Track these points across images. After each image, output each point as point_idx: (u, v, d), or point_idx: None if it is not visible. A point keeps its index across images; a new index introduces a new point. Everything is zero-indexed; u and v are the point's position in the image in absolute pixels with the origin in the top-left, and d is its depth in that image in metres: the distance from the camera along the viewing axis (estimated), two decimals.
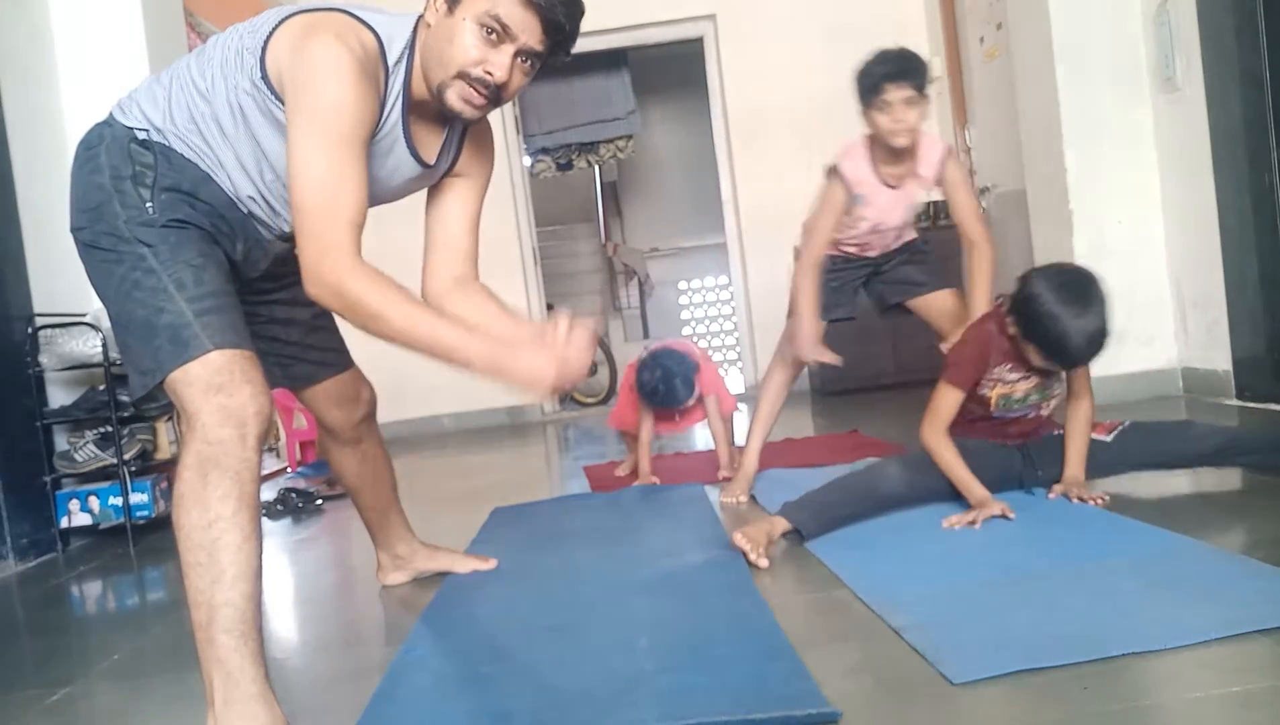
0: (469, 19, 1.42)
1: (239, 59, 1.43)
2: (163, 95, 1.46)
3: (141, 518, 3.13)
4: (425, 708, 1.41)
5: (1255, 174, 3.14)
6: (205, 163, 1.45)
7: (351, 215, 1.36)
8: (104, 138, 1.45)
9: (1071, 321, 1.93)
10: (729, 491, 2.70)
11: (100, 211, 1.40)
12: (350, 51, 1.36)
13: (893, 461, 2.23)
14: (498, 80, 1.44)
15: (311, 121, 1.34)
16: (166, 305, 1.33)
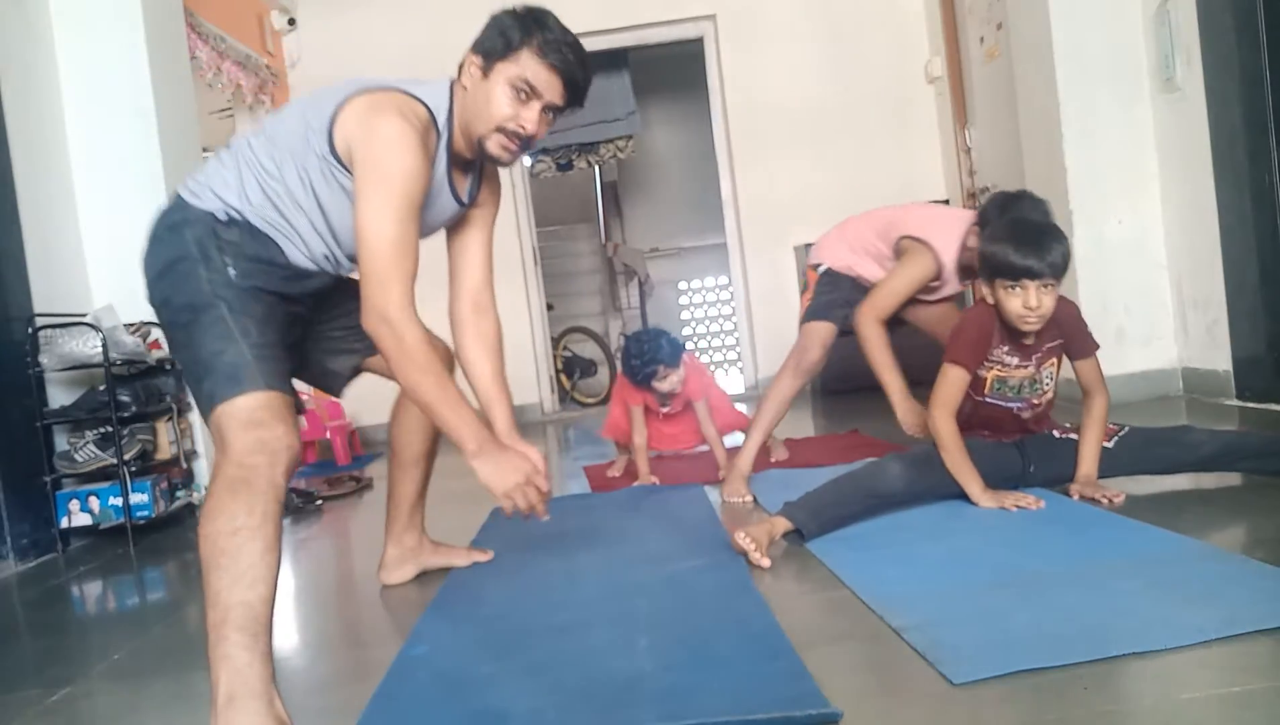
0: (502, 82, 1.68)
1: (305, 139, 1.63)
2: (234, 179, 1.64)
3: (141, 518, 3.13)
4: (425, 707, 1.41)
5: (1255, 174, 3.14)
6: (282, 232, 1.65)
7: (412, 270, 1.60)
8: (186, 220, 1.61)
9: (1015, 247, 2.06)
10: (731, 490, 2.70)
11: (185, 278, 1.56)
12: (412, 126, 1.60)
13: (893, 460, 2.23)
14: (529, 132, 1.70)
15: (383, 188, 1.56)
16: (229, 348, 1.50)
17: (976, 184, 5.14)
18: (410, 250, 1.59)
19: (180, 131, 3.73)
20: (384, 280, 1.56)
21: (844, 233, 2.84)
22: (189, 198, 1.64)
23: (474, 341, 1.91)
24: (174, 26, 3.86)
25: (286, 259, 1.66)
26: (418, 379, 1.59)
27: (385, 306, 1.56)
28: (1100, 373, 2.24)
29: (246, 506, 1.38)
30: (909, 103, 5.58)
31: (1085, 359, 2.23)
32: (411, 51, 5.62)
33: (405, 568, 2.18)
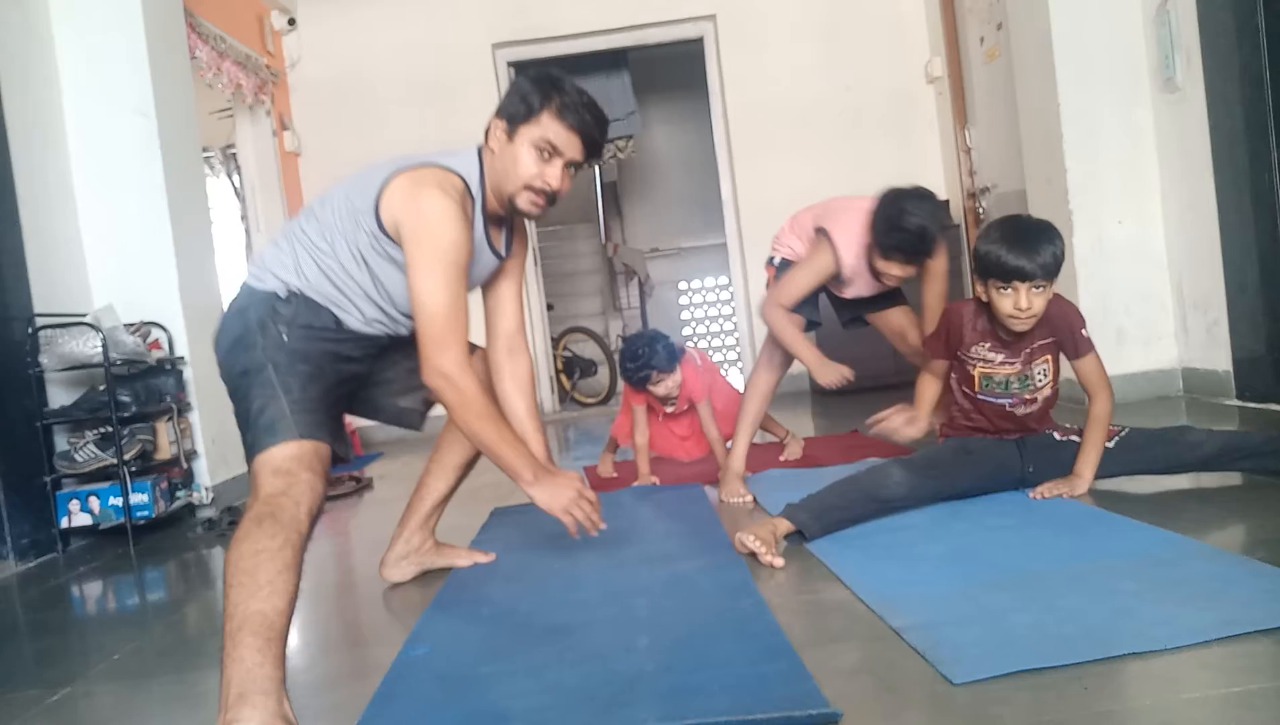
0: (526, 144, 1.82)
1: (354, 219, 1.79)
2: (290, 260, 1.80)
3: (141, 518, 3.14)
4: (426, 707, 1.41)
5: (1255, 174, 3.14)
6: (337, 303, 1.81)
7: (465, 330, 1.77)
8: (250, 303, 1.78)
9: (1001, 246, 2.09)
10: (729, 491, 2.71)
11: (245, 350, 1.73)
12: (452, 199, 1.75)
13: (895, 464, 2.23)
14: (554, 188, 1.85)
15: (433, 259, 1.72)
16: (270, 404, 1.65)
17: (976, 184, 5.14)
18: (462, 313, 1.76)
19: (180, 131, 3.73)
20: (441, 343, 1.72)
21: (794, 224, 2.87)
22: (253, 283, 1.81)
23: (509, 383, 2.06)
24: (174, 26, 3.86)
25: (342, 325, 1.83)
26: (478, 427, 1.77)
27: (443, 365, 1.72)
28: (1100, 372, 2.24)
29: (269, 533, 1.46)
30: (909, 103, 5.58)
31: (1080, 359, 2.23)
32: (411, 51, 5.64)
33: (406, 566, 2.20)
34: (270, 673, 1.33)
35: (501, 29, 5.66)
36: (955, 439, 2.34)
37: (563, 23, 5.65)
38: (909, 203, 2.43)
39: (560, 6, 5.63)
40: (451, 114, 5.58)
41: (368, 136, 5.65)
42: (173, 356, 3.50)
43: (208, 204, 4.13)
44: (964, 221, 5.29)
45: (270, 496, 1.54)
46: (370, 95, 5.65)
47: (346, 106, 5.65)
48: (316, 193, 1.80)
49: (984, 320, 2.24)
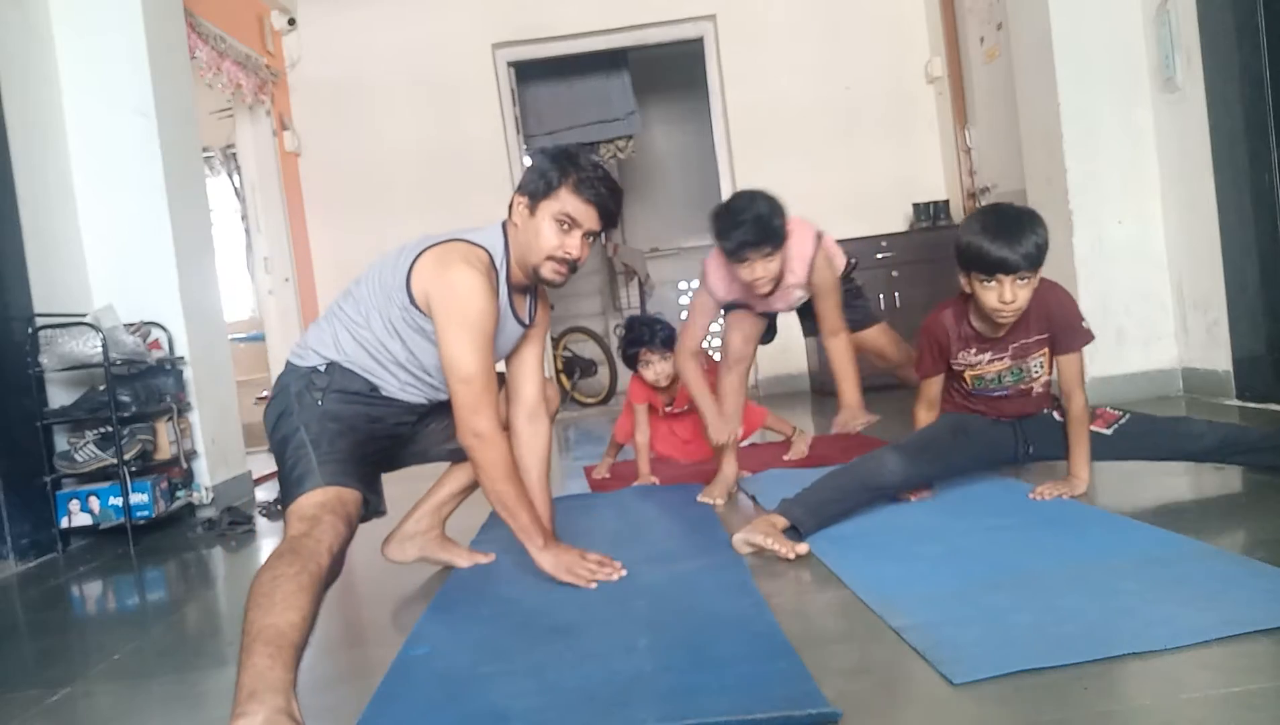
0: (547, 218, 1.94)
1: (386, 295, 1.93)
2: (330, 337, 1.96)
3: (141, 518, 3.13)
4: (425, 707, 1.41)
5: (1255, 174, 3.14)
6: (374, 374, 1.96)
7: (496, 393, 1.92)
8: (292, 378, 1.94)
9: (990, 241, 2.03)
10: (708, 492, 2.71)
11: (285, 418, 1.87)
12: (479, 273, 1.88)
13: (890, 452, 2.21)
14: (575, 257, 1.98)
15: (463, 328, 1.86)
16: (301, 461, 1.79)
17: (976, 184, 5.14)
18: (492, 377, 1.90)
19: (180, 131, 3.73)
20: (475, 407, 1.86)
21: None
22: (295, 361, 1.97)
23: (525, 449, 2.15)
24: (174, 26, 3.86)
25: (377, 390, 1.96)
26: (503, 488, 1.91)
27: (478, 427, 1.87)
28: (1080, 371, 2.21)
29: (288, 563, 1.53)
30: (909, 103, 5.58)
31: (1067, 354, 2.20)
32: (411, 51, 5.64)
33: (409, 547, 2.24)
34: (280, 674, 1.34)
35: (501, 29, 5.66)
36: (952, 415, 2.33)
37: (563, 23, 5.65)
38: (736, 201, 2.43)
39: (560, 6, 5.63)
40: (451, 114, 5.58)
41: (368, 136, 5.66)
42: (173, 356, 3.50)
43: (208, 204, 4.13)
44: None
45: (293, 538, 1.62)
46: (370, 95, 5.65)
47: (346, 106, 5.65)
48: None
49: (966, 324, 2.22)
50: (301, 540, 1.61)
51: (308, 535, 1.62)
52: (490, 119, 5.66)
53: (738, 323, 2.74)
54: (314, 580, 1.52)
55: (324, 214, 5.68)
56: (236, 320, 6.20)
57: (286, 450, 1.83)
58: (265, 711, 1.29)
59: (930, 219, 5.35)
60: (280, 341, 5.35)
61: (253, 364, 6.01)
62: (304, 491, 1.74)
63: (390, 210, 5.52)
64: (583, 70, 6.22)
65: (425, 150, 5.56)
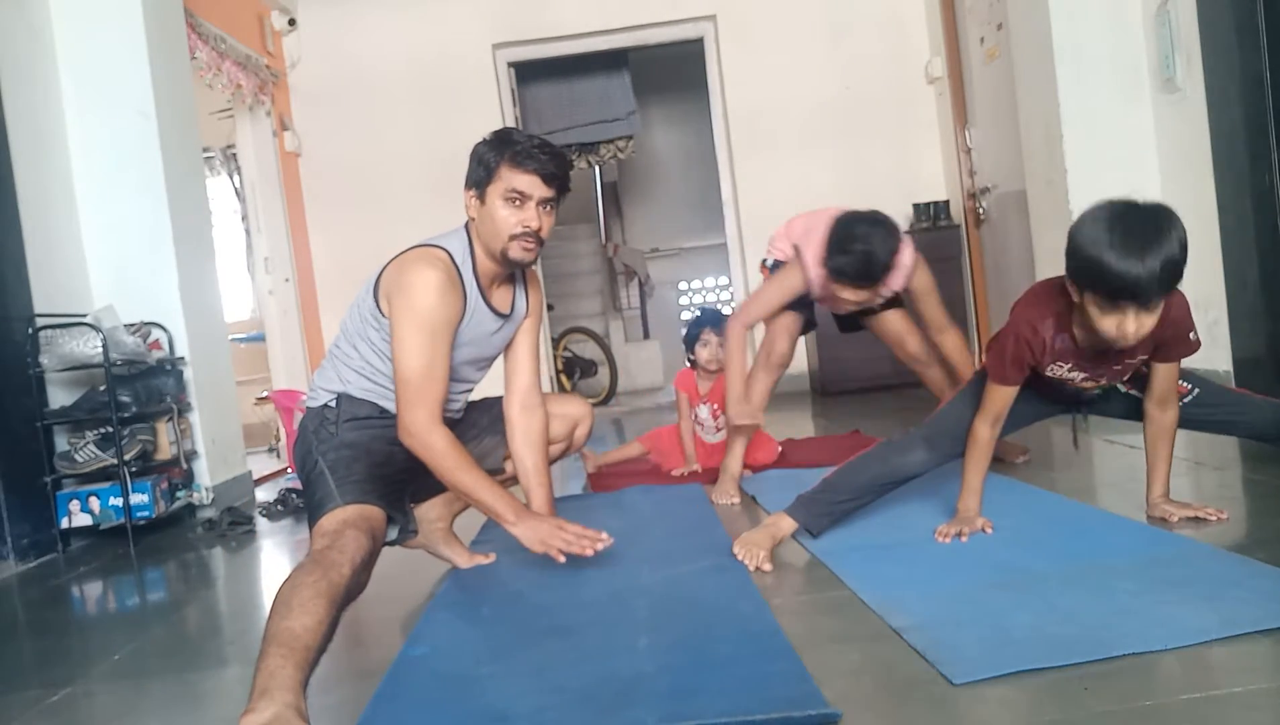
0: (497, 200, 1.95)
1: (362, 318, 2.00)
2: (333, 374, 2.04)
3: (142, 518, 3.13)
4: (425, 708, 1.42)
5: (1255, 174, 3.14)
6: (377, 396, 2.01)
7: (439, 394, 1.90)
8: (308, 420, 2.02)
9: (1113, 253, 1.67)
10: (719, 492, 2.71)
11: (306, 454, 1.95)
12: (435, 271, 1.90)
13: (918, 447, 2.07)
14: (534, 229, 1.96)
15: (411, 325, 1.87)
16: (320, 487, 1.84)
17: (976, 184, 5.14)
18: (436, 374, 1.89)
19: (180, 131, 3.73)
20: (411, 403, 1.87)
21: (789, 229, 2.86)
22: (310, 403, 2.05)
23: (520, 439, 2.16)
24: (174, 26, 3.86)
25: (386, 412, 1.99)
26: (456, 478, 1.90)
27: (412, 424, 1.87)
28: (1176, 381, 1.96)
29: (306, 571, 1.56)
30: (909, 103, 5.58)
31: (1170, 363, 1.92)
32: (411, 51, 5.64)
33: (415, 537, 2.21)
34: (291, 673, 1.36)
35: (502, 29, 5.66)
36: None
37: (563, 23, 5.65)
38: (859, 227, 2.43)
39: (560, 6, 5.63)
40: (452, 114, 5.58)
41: (368, 137, 5.66)
42: (173, 356, 3.50)
43: (208, 204, 4.13)
44: (964, 222, 5.29)
45: (316, 552, 1.64)
46: (370, 95, 5.65)
47: (346, 107, 5.65)
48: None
49: (1067, 337, 1.86)
50: (323, 553, 1.63)
51: (330, 548, 1.64)
52: (490, 119, 5.66)
53: (787, 325, 2.75)
54: (333, 588, 1.54)
55: (324, 214, 5.68)
56: (237, 320, 6.19)
57: (309, 484, 1.89)
58: (275, 707, 1.30)
59: (930, 219, 5.35)
60: (280, 341, 5.35)
61: (253, 364, 6.01)
62: (325, 512, 1.77)
63: (390, 210, 5.52)
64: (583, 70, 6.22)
65: (425, 150, 5.56)
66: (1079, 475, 2.61)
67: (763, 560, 1.94)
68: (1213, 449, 2.54)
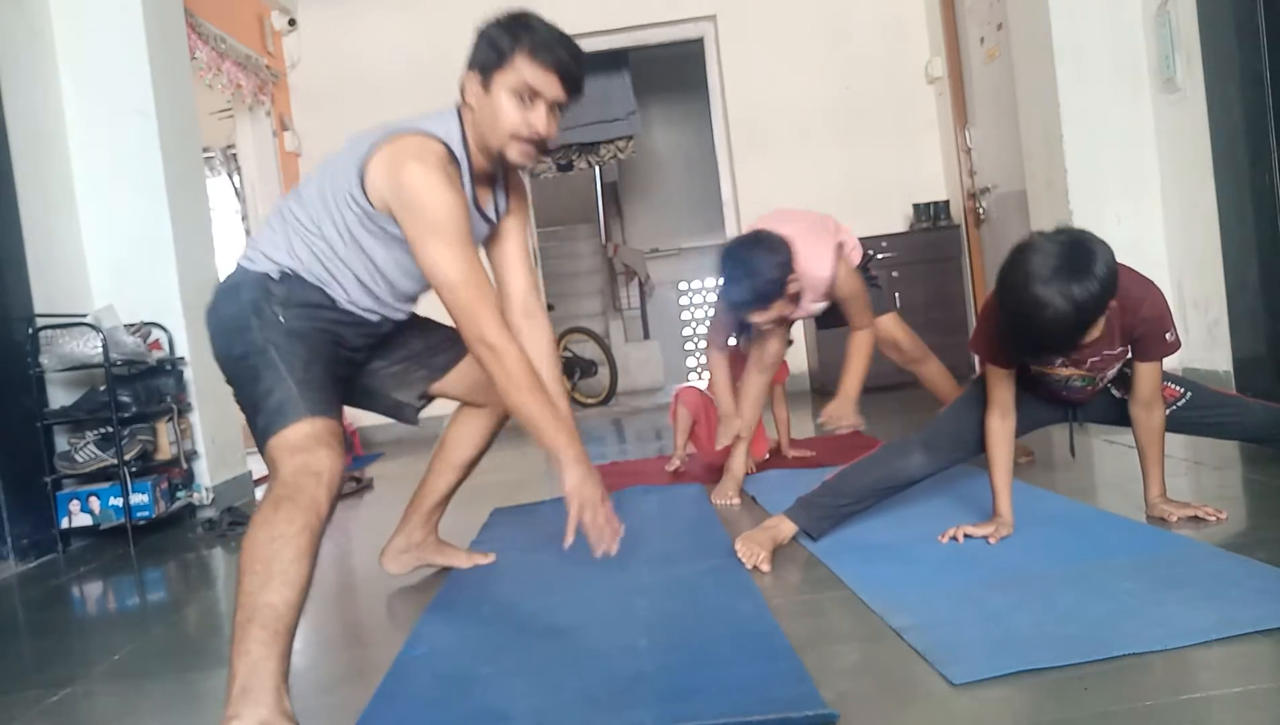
0: (504, 92, 1.72)
1: (339, 199, 1.73)
2: (283, 241, 1.75)
3: (142, 518, 3.13)
4: (425, 707, 1.42)
5: (1255, 174, 3.14)
6: (329, 287, 1.76)
7: (493, 295, 1.70)
8: (243, 282, 1.73)
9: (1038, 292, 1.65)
10: (720, 493, 2.70)
11: (241, 332, 1.67)
12: (434, 168, 1.67)
13: (916, 450, 2.06)
14: (542, 134, 1.74)
15: (436, 235, 1.65)
16: (277, 386, 1.60)
17: (976, 184, 5.14)
18: (484, 278, 1.69)
19: (180, 131, 3.73)
20: (473, 314, 1.66)
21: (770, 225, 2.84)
22: (245, 264, 1.76)
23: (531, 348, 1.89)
24: (174, 26, 3.86)
25: (336, 303, 1.77)
26: (522, 399, 1.67)
27: (484, 334, 1.65)
28: (1159, 380, 1.95)
29: (287, 518, 1.44)
30: (909, 103, 5.58)
31: (1150, 362, 1.91)
32: (411, 52, 5.64)
33: (407, 558, 2.21)
34: (274, 668, 1.34)
35: None
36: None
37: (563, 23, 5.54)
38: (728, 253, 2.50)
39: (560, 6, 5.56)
40: None
41: None
42: (173, 357, 3.50)
43: (208, 204, 4.13)
44: (964, 222, 5.29)
45: (290, 475, 1.50)
46: (370, 96, 5.64)
47: (346, 107, 5.64)
48: None
49: None
50: (300, 480, 1.49)
51: (305, 472, 1.50)
52: None
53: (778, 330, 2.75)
54: (313, 539, 1.45)
55: None
56: None
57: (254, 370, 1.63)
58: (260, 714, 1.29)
59: (930, 219, 5.35)
60: None
61: None
62: (289, 423, 1.57)
63: None
64: None
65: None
66: (1079, 475, 2.61)
67: (762, 560, 1.94)
68: (1212, 449, 2.54)
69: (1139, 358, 1.90)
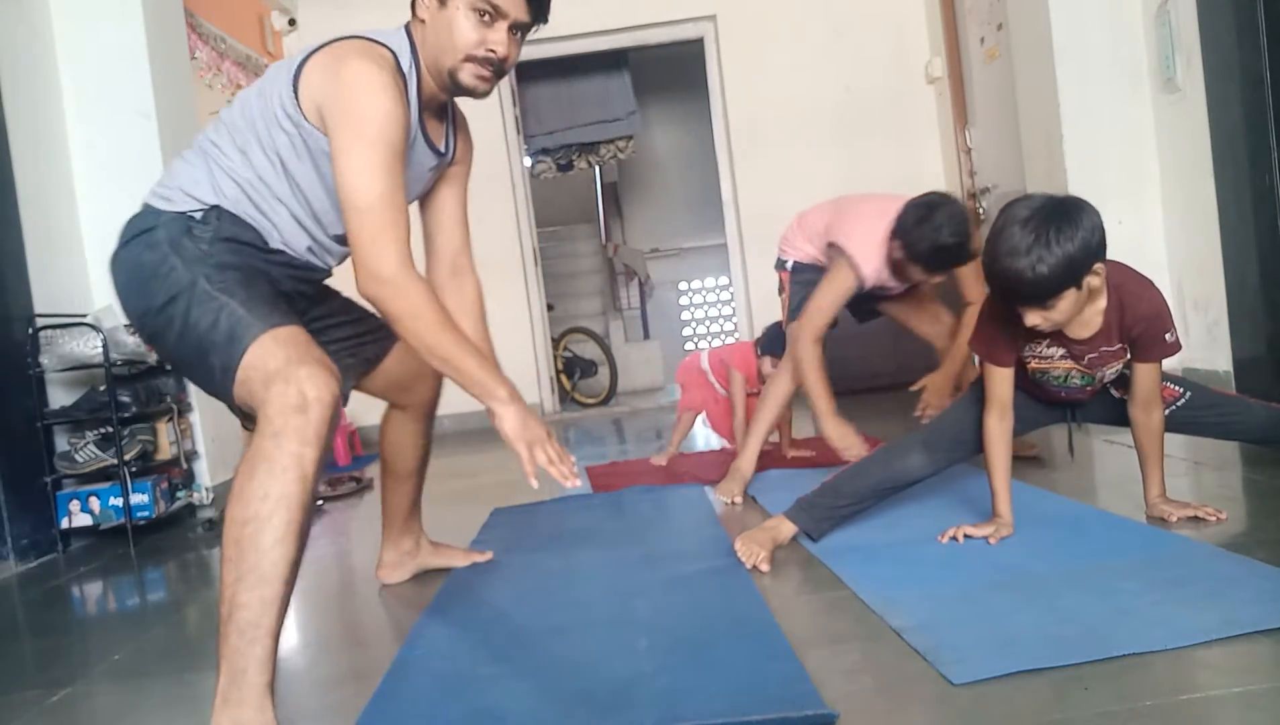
0: (462, 7, 1.57)
1: (268, 115, 1.53)
2: (204, 176, 1.55)
3: (142, 518, 3.13)
4: (425, 708, 1.41)
5: (1255, 174, 3.14)
6: (260, 226, 1.57)
7: (406, 224, 1.51)
8: (157, 224, 1.51)
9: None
10: (724, 489, 2.70)
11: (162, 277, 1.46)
12: (381, 69, 1.50)
13: (915, 451, 2.05)
14: (501, 56, 1.60)
15: (361, 139, 1.45)
16: (220, 315, 1.40)
17: (977, 184, 5.14)
18: (400, 202, 1.49)
19: (180, 131, 3.72)
20: (377, 239, 1.45)
21: (803, 225, 2.85)
22: (160, 204, 1.55)
23: (455, 309, 1.78)
24: (174, 26, 3.86)
25: (269, 244, 1.58)
26: (435, 338, 1.49)
27: (382, 267, 1.46)
28: (1159, 381, 1.94)
29: (261, 492, 1.27)
30: (909, 103, 5.58)
31: (1149, 363, 1.90)
32: None
33: (403, 569, 2.19)
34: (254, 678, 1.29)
35: None
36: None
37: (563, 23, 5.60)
38: (940, 215, 2.40)
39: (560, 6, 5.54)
40: None
41: None
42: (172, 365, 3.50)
43: None
44: None
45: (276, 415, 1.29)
46: None
47: None
48: None
49: None
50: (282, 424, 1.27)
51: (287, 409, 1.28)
52: (490, 119, 5.65)
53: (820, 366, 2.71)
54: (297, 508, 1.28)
55: None
56: None
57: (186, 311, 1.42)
58: None
59: None
60: None
61: None
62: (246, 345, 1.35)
63: None
64: (583, 70, 6.23)
65: None
66: (1079, 475, 2.61)
67: (761, 560, 1.94)
68: (1213, 449, 2.54)
69: (1138, 358, 1.90)
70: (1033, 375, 2.01)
